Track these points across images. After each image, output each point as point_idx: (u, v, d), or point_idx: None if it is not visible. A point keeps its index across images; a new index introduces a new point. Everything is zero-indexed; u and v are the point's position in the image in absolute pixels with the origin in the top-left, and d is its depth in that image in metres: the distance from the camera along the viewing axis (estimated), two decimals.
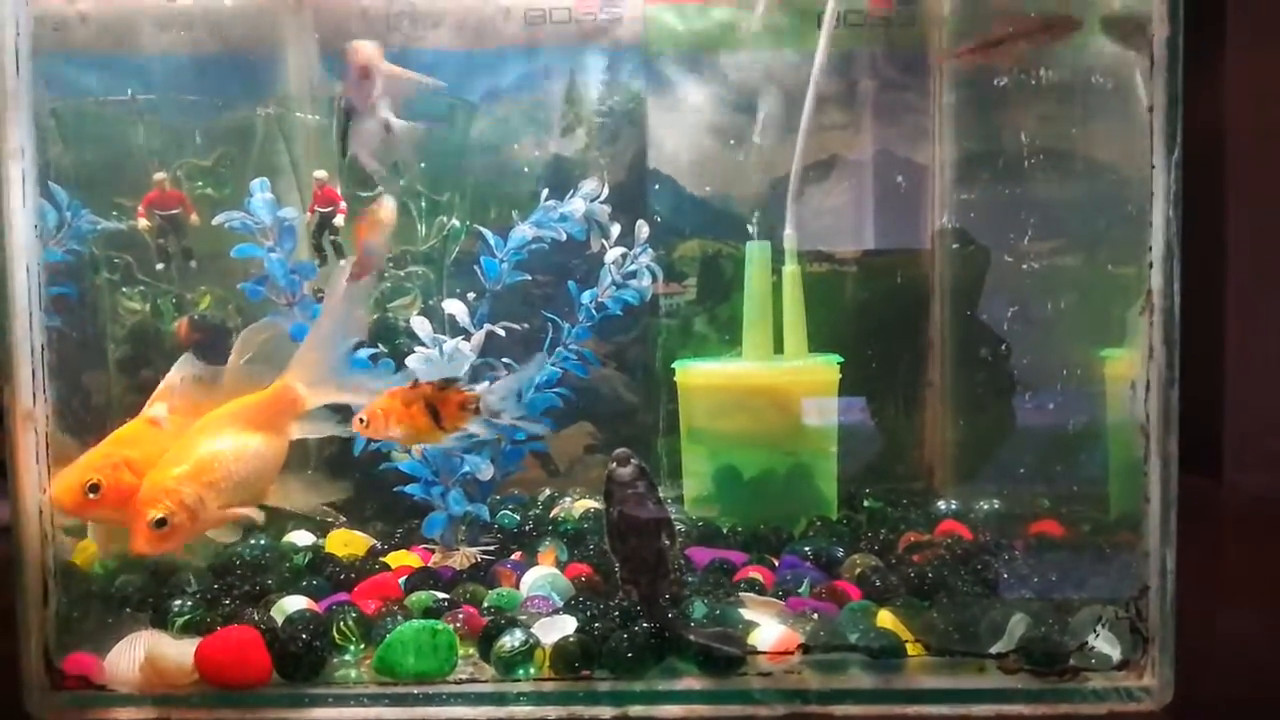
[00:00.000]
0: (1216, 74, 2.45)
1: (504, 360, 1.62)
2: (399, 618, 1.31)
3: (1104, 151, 1.50)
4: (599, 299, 1.71)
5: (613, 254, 1.71)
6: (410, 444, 1.52)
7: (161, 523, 1.28)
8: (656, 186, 1.99)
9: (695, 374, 1.84)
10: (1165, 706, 1.21)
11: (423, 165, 1.83)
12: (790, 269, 1.83)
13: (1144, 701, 1.21)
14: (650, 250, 1.74)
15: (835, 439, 1.81)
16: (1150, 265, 1.20)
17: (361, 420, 1.35)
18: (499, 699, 1.22)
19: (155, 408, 1.44)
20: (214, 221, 1.60)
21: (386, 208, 1.41)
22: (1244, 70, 2.43)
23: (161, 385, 1.47)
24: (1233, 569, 1.88)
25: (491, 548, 1.65)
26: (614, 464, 1.30)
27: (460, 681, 1.23)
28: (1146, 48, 1.18)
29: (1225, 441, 2.48)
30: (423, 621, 1.27)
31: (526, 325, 1.64)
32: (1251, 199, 2.44)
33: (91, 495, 1.31)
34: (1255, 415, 2.45)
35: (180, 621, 1.35)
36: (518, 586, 1.48)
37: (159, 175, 1.76)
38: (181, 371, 1.47)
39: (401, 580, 1.50)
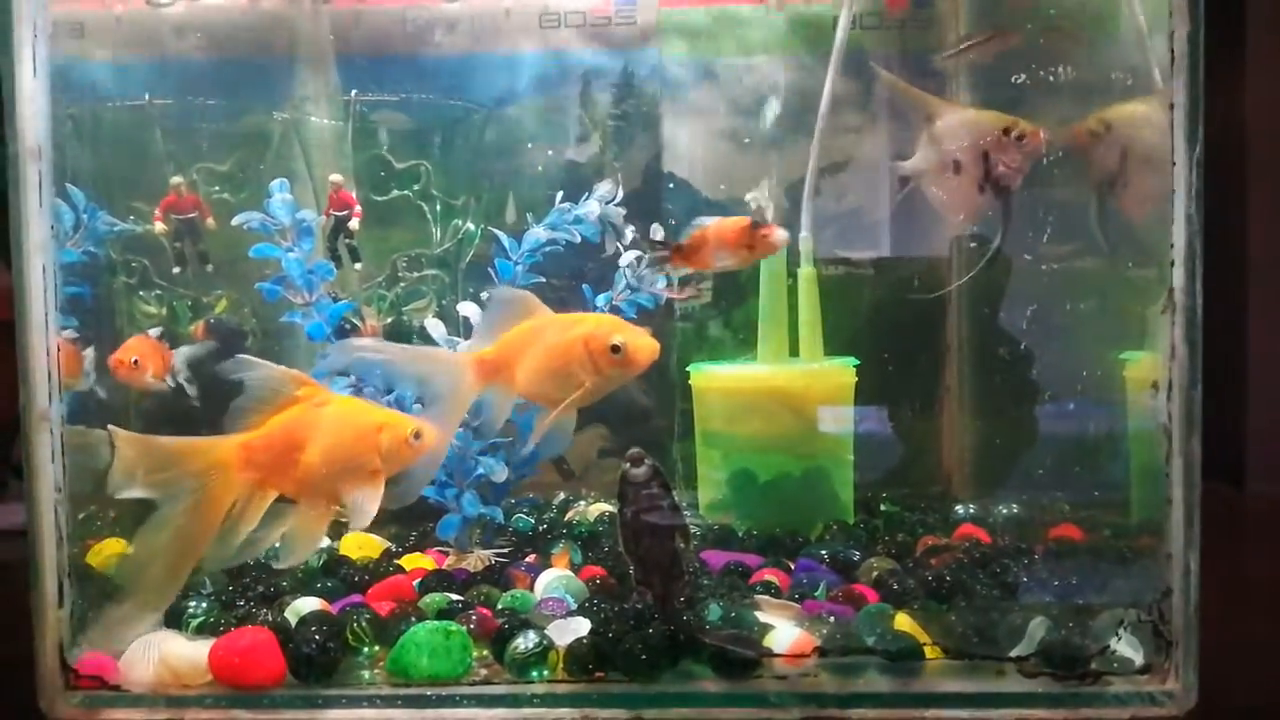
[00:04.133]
0: (1237, 71, 2.43)
1: None
2: (413, 619, 1.31)
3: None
4: (613, 302, 1.71)
5: (627, 257, 1.71)
6: None
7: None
8: (671, 186, 1.98)
9: (710, 377, 1.84)
10: (1188, 712, 1.19)
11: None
12: (806, 271, 1.82)
13: (1166, 706, 1.19)
14: None
15: (851, 443, 1.80)
16: (1171, 264, 1.19)
17: None
18: (512, 701, 1.21)
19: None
20: (233, 222, 1.61)
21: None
22: (1265, 67, 2.41)
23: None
24: (1256, 575, 1.86)
25: (505, 550, 1.64)
26: (628, 465, 1.29)
27: (474, 683, 1.22)
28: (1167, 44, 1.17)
29: (1248, 448, 2.45)
30: (436, 623, 1.26)
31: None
32: (1274, 199, 2.42)
33: (415, 441, 1.27)
34: (1278, 422, 2.42)
35: (195, 623, 1.35)
36: (532, 589, 1.47)
37: (175, 179, 1.77)
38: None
39: (416, 583, 1.49)
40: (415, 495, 1.37)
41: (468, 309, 1.61)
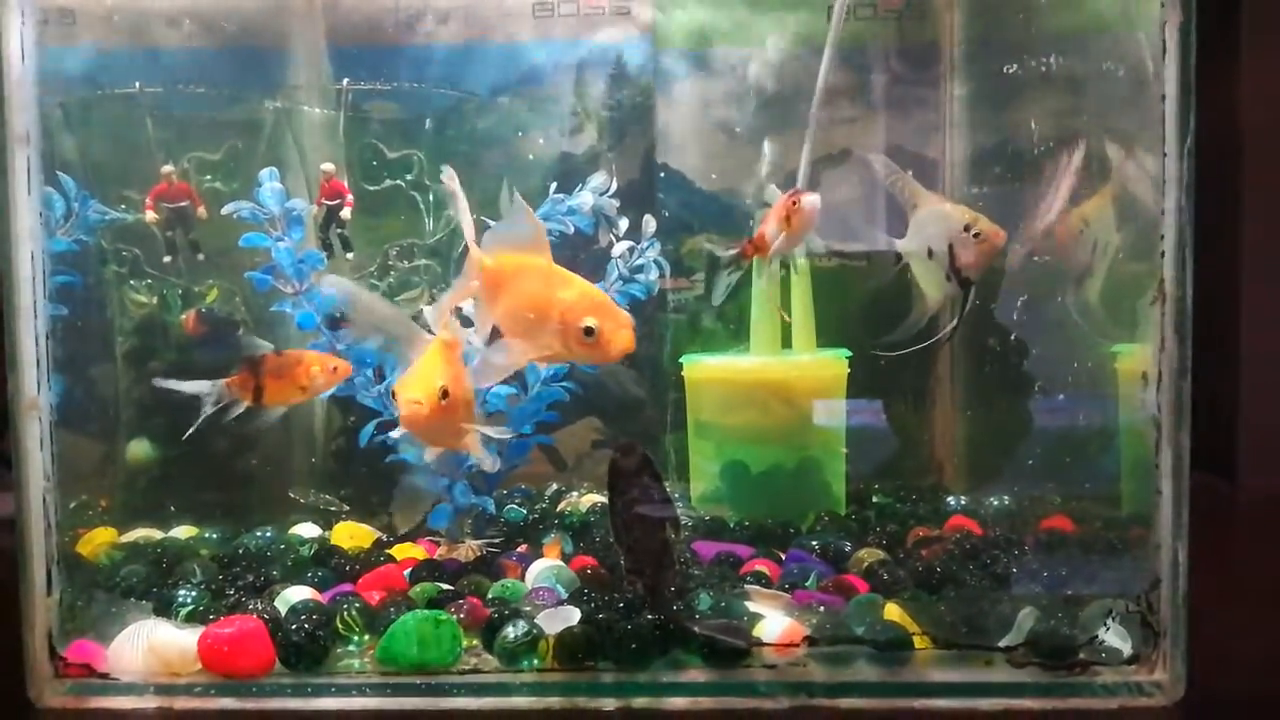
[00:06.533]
0: (1231, 62, 2.42)
1: None
2: (403, 608, 1.31)
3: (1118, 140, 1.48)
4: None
5: (619, 248, 1.71)
6: None
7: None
8: (663, 175, 1.98)
9: (702, 369, 1.83)
10: (1177, 702, 1.19)
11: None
12: (798, 263, 1.82)
13: (1155, 696, 1.19)
14: (657, 244, 1.73)
15: (843, 434, 1.80)
16: (1162, 255, 1.19)
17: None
18: (502, 690, 1.21)
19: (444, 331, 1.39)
20: (223, 211, 1.60)
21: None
22: (1259, 60, 2.40)
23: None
24: (1246, 566, 1.86)
25: (497, 540, 1.64)
26: (618, 455, 1.29)
27: (463, 672, 1.22)
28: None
29: (1239, 441, 2.45)
30: (426, 612, 1.26)
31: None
32: (1267, 192, 2.42)
33: (444, 400, 1.29)
34: (1270, 414, 2.42)
35: (184, 611, 1.34)
36: (523, 579, 1.47)
37: (166, 168, 1.76)
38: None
39: (406, 572, 1.49)
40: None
41: None
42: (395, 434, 1.52)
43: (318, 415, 1.89)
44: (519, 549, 1.60)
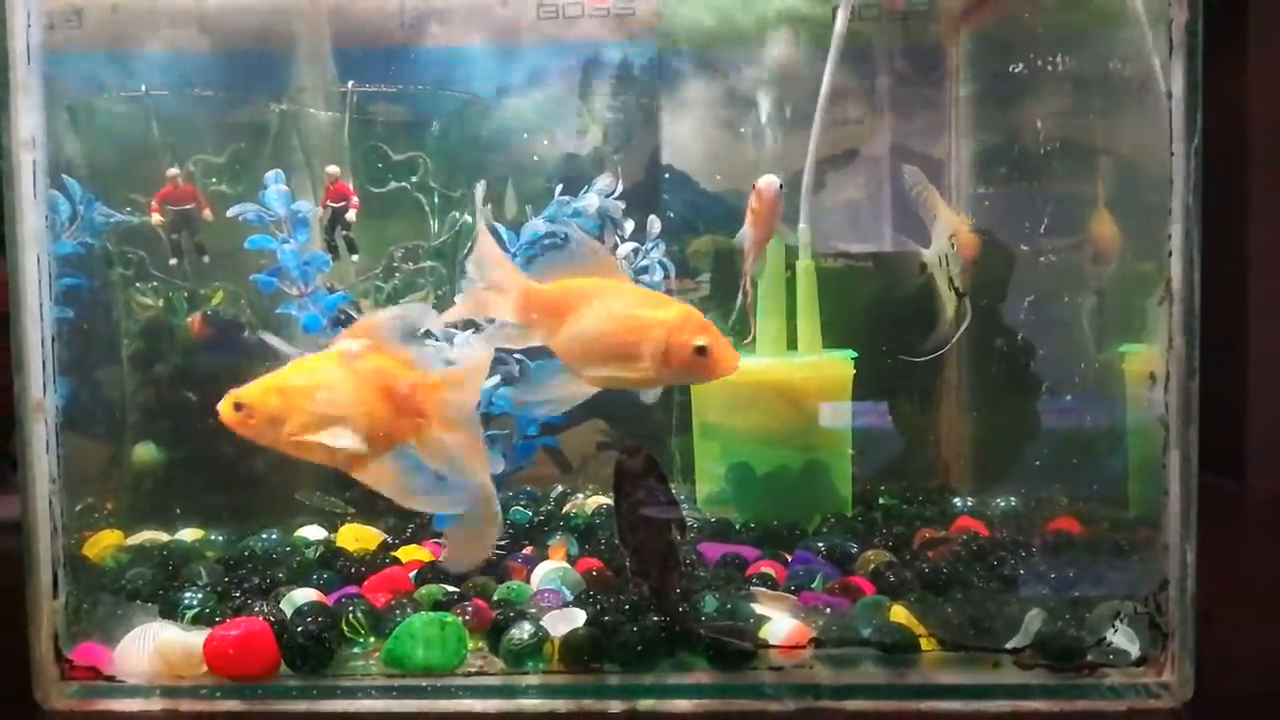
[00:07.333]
0: (1238, 61, 2.41)
1: (515, 355, 1.62)
2: (408, 610, 1.31)
3: (1124, 141, 1.48)
4: None
5: (624, 249, 1.71)
6: None
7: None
8: (668, 176, 1.98)
9: None
10: (1185, 703, 1.18)
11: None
12: (804, 264, 1.82)
13: (1163, 698, 1.19)
14: (662, 245, 1.73)
15: (850, 436, 1.80)
16: (1169, 254, 1.18)
17: None
18: (508, 692, 1.21)
19: (350, 342, 1.28)
20: (228, 213, 1.60)
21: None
22: (1265, 58, 2.39)
23: (361, 321, 1.34)
24: (1255, 568, 1.85)
25: (502, 542, 1.64)
26: (624, 456, 1.29)
27: (469, 674, 1.22)
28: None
29: (1248, 442, 2.44)
30: (432, 614, 1.26)
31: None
32: (1275, 192, 2.41)
33: (236, 412, 1.22)
34: (1278, 414, 2.42)
35: (190, 614, 1.34)
36: (528, 581, 1.47)
37: (172, 171, 1.76)
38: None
39: (412, 574, 1.49)
40: None
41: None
42: None
43: None
44: (525, 551, 1.59)
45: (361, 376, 1.21)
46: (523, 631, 1.23)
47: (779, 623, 1.25)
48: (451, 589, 1.42)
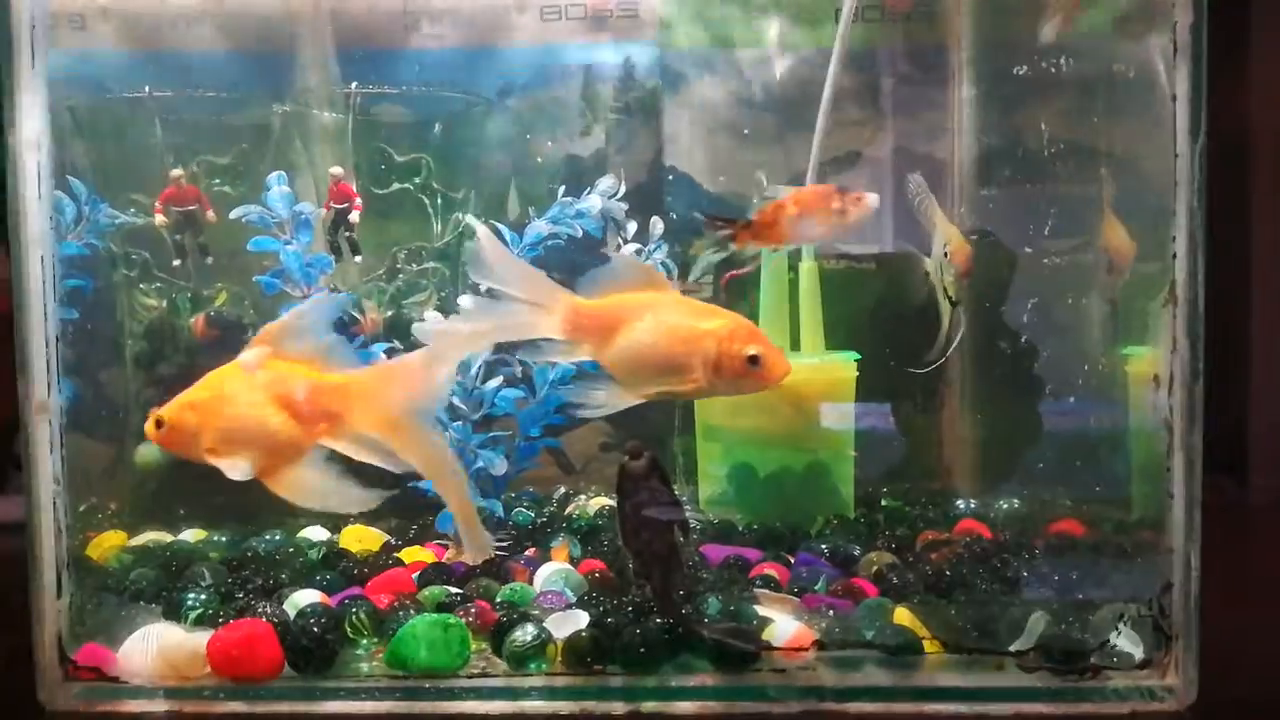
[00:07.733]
0: (1242, 63, 2.41)
1: (518, 356, 1.62)
2: (411, 611, 1.31)
3: (1127, 144, 1.48)
4: None
5: (628, 250, 1.71)
6: None
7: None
8: (671, 178, 1.98)
9: None
10: (1189, 706, 1.18)
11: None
12: (807, 265, 1.82)
13: (1167, 701, 1.19)
14: (665, 247, 1.73)
15: (852, 437, 1.79)
16: (1174, 257, 1.18)
17: None
18: (511, 693, 1.21)
19: (248, 353, 1.29)
20: (231, 215, 1.61)
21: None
22: (1269, 60, 2.39)
23: (264, 329, 1.31)
24: (1258, 570, 1.85)
25: (505, 544, 1.64)
26: (626, 457, 1.28)
27: (472, 676, 1.22)
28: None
29: (1251, 443, 2.44)
30: (435, 615, 1.26)
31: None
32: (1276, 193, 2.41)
33: (157, 429, 1.25)
34: None
35: (194, 615, 1.34)
36: (531, 582, 1.47)
37: (175, 172, 1.76)
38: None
39: (415, 575, 1.49)
40: None
41: (467, 302, 1.60)
42: None
43: None
44: (527, 552, 1.59)
45: (256, 388, 1.22)
46: (526, 633, 1.23)
47: (782, 625, 1.25)
48: (454, 590, 1.42)
